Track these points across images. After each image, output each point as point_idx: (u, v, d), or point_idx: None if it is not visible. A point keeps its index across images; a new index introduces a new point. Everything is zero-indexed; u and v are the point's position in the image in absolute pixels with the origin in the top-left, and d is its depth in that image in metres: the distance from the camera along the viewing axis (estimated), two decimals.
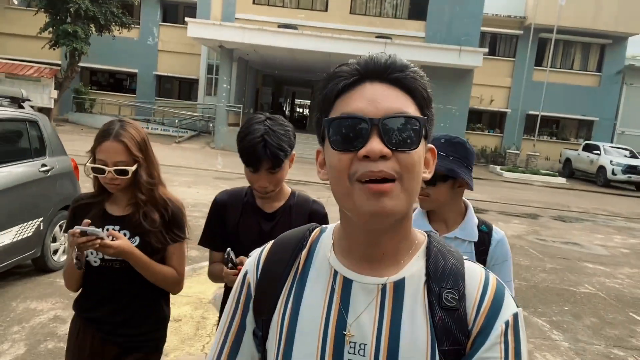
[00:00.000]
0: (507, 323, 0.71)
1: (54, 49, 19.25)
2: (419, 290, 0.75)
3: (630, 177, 19.10)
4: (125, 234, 1.69)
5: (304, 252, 0.83)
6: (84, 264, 1.63)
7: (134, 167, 1.65)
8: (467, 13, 20.50)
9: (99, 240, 1.53)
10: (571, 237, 9.05)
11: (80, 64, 19.66)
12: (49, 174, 4.40)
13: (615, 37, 23.86)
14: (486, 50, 19.03)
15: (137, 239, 1.69)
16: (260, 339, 0.82)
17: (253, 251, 0.89)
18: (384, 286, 0.75)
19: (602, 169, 19.70)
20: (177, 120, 21.29)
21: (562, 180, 19.82)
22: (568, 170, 21.95)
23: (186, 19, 18.14)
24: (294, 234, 0.87)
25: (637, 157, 19.92)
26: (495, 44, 24.68)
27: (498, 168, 20.91)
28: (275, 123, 1.62)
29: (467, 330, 0.72)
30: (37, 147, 4.37)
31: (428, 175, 0.77)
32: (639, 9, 23.14)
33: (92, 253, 1.68)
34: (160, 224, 1.72)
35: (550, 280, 6.04)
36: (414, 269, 0.77)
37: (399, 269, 0.77)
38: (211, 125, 20.86)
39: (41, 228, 4.34)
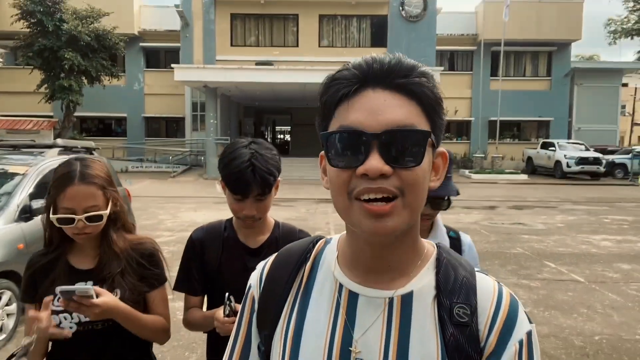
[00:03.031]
0: (521, 342, 0.69)
1: (50, 103, 20.92)
2: (428, 304, 0.72)
3: (583, 167, 21.32)
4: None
5: (308, 265, 0.81)
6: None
7: (107, 210, 1.45)
8: (423, 37, 22.90)
9: (91, 300, 1.32)
10: (518, 220, 10.94)
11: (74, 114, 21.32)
12: None
13: (559, 44, 26.49)
14: (442, 68, 21.29)
15: (118, 291, 1.48)
16: (263, 355, 0.81)
17: (259, 264, 0.87)
18: (391, 300, 0.72)
19: (558, 163, 21.91)
20: (170, 157, 22.93)
21: (524, 176, 21.94)
22: (530, 167, 24.15)
23: (172, 65, 19.97)
24: (297, 246, 0.84)
25: (589, 150, 22.21)
26: (454, 60, 27.19)
27: (467, 172, 22.97)
28: (261, 147, 1.52)
29: (480, 347, 0.69)
30: None
31: (437, 182, 0.73)
32: (574, 18, 25.96)
33: (65, 318, 1.43)
34: (137, 270, 1.52)
35: (490, 247, 7.85)
36: (423, 282, 0.73)
37: (407, 282, 0.73)
38: (202, 158, 22.56)
39: None
